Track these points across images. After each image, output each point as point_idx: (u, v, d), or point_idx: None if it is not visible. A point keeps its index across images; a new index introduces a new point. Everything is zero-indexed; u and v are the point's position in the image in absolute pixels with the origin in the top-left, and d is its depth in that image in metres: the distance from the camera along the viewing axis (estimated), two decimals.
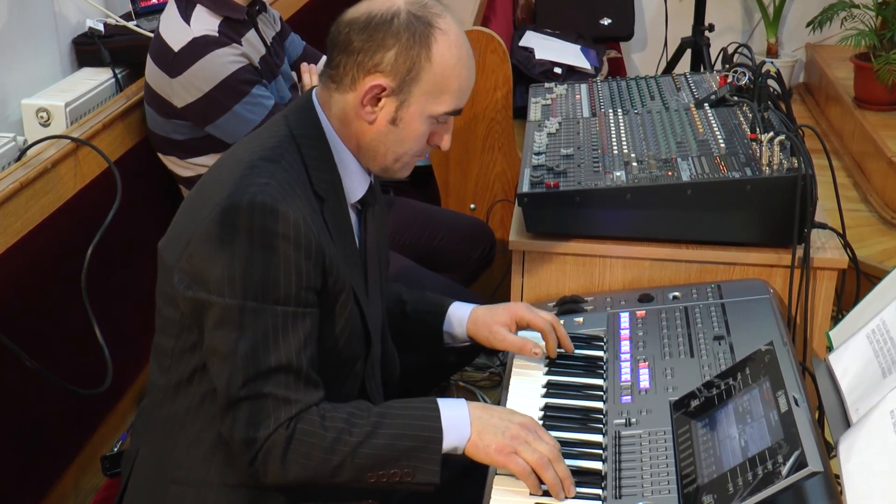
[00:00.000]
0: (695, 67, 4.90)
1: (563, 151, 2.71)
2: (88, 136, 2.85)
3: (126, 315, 2.88)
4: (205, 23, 2.94)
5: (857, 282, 2.54)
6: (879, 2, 5.08)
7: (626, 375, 2.17)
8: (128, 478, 2.12)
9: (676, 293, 2.43)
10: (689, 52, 4.92)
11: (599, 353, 2.28)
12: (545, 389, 2.17)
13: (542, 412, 2.09)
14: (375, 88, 1.96)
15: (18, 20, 3.16)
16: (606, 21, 5.46)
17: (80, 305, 2.58)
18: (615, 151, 2.67)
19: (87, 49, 3.45)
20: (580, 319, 2.41)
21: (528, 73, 4.48)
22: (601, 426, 2.03)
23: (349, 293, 1.99)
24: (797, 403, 1.78)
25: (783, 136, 2.43)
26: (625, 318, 2.36)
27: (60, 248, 2.68)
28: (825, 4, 5.41)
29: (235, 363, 1.85)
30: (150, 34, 3.16)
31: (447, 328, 2.33)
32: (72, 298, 2.61)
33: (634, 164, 2.55)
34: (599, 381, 2.18)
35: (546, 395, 2.15)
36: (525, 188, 2.53)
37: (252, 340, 1.85)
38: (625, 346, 2.27)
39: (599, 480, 1.89)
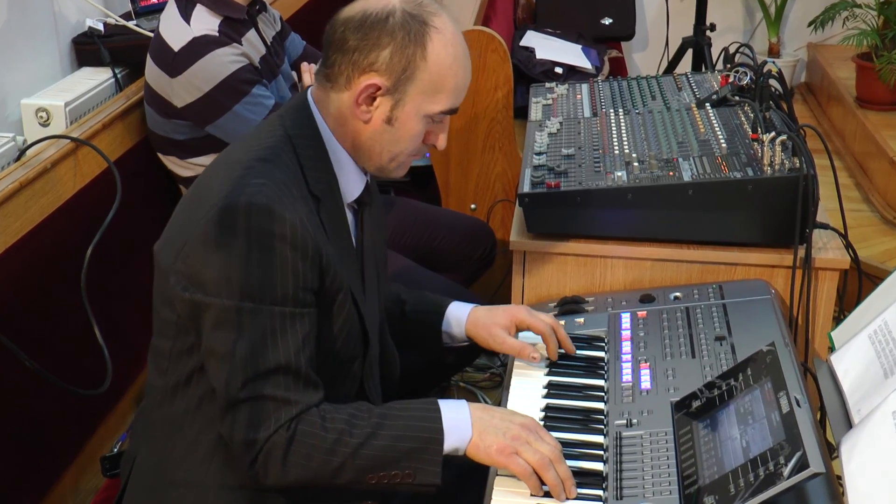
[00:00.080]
0: (696, 67, 4.90)
1: (564, 151, 2.71)
2: (88, 136, 2.84)
3: (126, 315, 2.88)
4: (205, 22, 2.94)
5: (859, 282, 2.54)
6: (881, 1, 5.07)
7: (628, 376, 2.16)
8: (126, 480, 2.12)
9: (678, 293, 2.42)
10: (691, 52, 4.92)
11: (600, 354, 2.27)
12: (546, 390, 2.17)
13: (543, 413, 2.09)
14: (370, 88, 1.95)
15: (18, 19, 3.16)
16: (607, 21, 5.46)
17: (80, 306, 2.58)
18: (616, 151, 2.66)
19: (87, 49, 3.44)
20: (581, 320, 2.40)
21: (529, 73, 4.48)
22: (602, 427, 2.03)
23: (346, 293, 1.99)
24: (799, 404, 1.78)
25: (785, 136, 2.43)
26: (626, 319, 2.36)
27: (60, 249, 2.68)
28: (827, 4, 5.41)
29: (234, 364, 1.85)
30: (150, 34, 3.15)
31: (446, 328, 2.33)
32: (71, 299, 2.60)
33: (636, 164, 2.54)
34: (600, 382, 2.18)
35: (547, 396, 2.15)
36: (526, 188, 2.53)
37: (250, 341, 1.85)
38: (626, 347, 2.26)
39: (600, 481, 1.88)
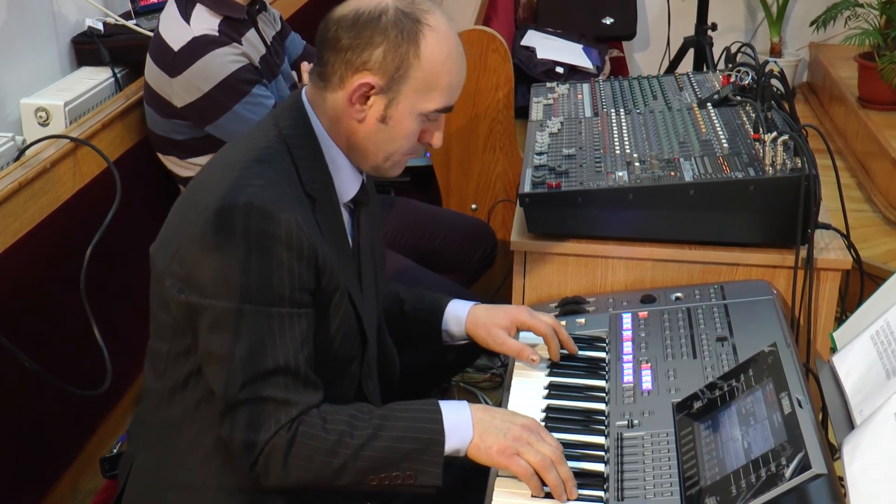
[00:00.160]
0: (697, 67, 4.89)
1: (565, 151, 2.70)
2: (87, 136, 2.84)
3: (125, 316, 2.87)
4: (205, 22, 2.93)
5: (861, 283, 2.54)
6: (883, 1, 5.06)
7: (629, 377, 2.16)
8: (125, 482, 2.12)
9: (679, 294, 2.42)
10: (692, 52, 4.91)
11: (601, 355, 2.27)
12: (547, 391, 2.17)
13: (544, 414, 2.09)
14: (364, 86, 1.95)
15: (17, 19, 3.15)
16: (609, 20, 5.46)
17: (80, 306, 2.57)
18: (617, 151, 2.66)
19: (87, 48, 3.44)
20: (582, 320, 2.40)
21: (530, 73, 4.47)
22: (603, 428, 2.02)
23: (343, 293, 1.98)
24: (801, 405, 1.78)
25: (786, 136, 2.42)
26: (627, 319, 2.35)
27: (59, 249, 2.67)
28: (829, 3, 5.40)
29: (233, 366, 1.84)
30: (150, 33, 3.15)
31: (445, 326, 2.33)
32: (71, 299, 2.60)
33: (637, 165, 2.54)
34: (601, 383, 2.17)
35: (548, 397, 2.15)
36: (527, 188, 2.53)
37: (248, 343, 1.84)
38: (627, 348, 2.26)
39: (601, 482, 1.88)
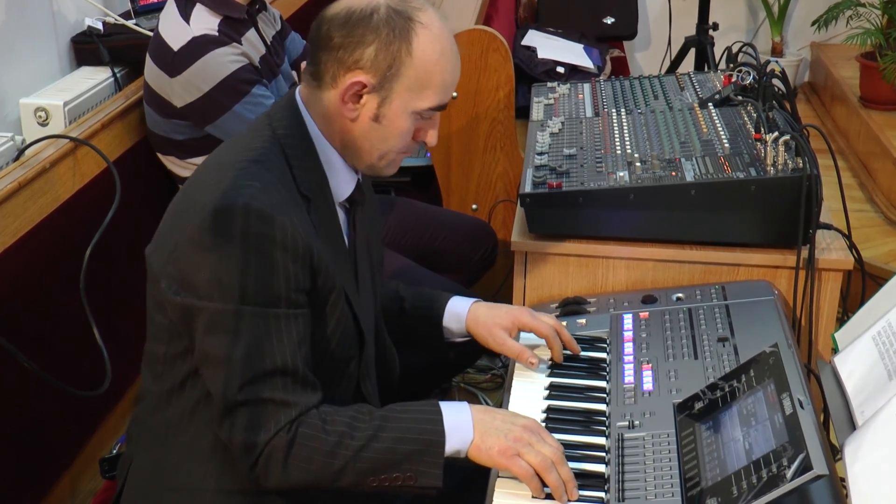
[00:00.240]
0: (699, 67, 4.89)
1: (566, 151, 2.70)
2: (87, 136, 2.83)
3: (125, 316, 2.87)
4: (204, 22, 2.93)
5: (863, 283, 2.54)
6: (885, 0, 5.05)
7: (630, 377, 2.16)
8: (123, 484, 2.11)
9: (680, 294, 2.42)
10: (693, 52, 4.91)
11: (602, 355, 2.27)
12: (547, 391, 2.16)
13: (545, 414, 2.09)
14: (356, 85, 1.94)
15: (17, 19, 3.15)
16: (610, 20, 5.45)
17: (79, 306, 2.57)
18: (618, 151, 2.66)
19: (86, 48, 3.44)
20: (583, 321, 2.40)
21: (531, 73, 4.46)
22: (604, 428, 2.02)
23: (339, 293, 1.98)
24: (802, 406, 1.78)
25: (788, 136, 2.42)
26: (628, 320, 2.35)
27: (59, 249, 2.67)
28: (830, 3, 5.38)
29: (230, 368, 1.84)
30: (150, 33, 3.15)
31: (445, 323, 2.32)
32: (70, 299, 2.59)
33: (638, 165, 2.54)
34: (602, 384, 2.17)
35: (549, 398, 2.14)
36: (527, 188, 2.52)
37: (246, 345, 1.84)
38: (628, 348, 2.26)
39: (602, 483, 1.88)
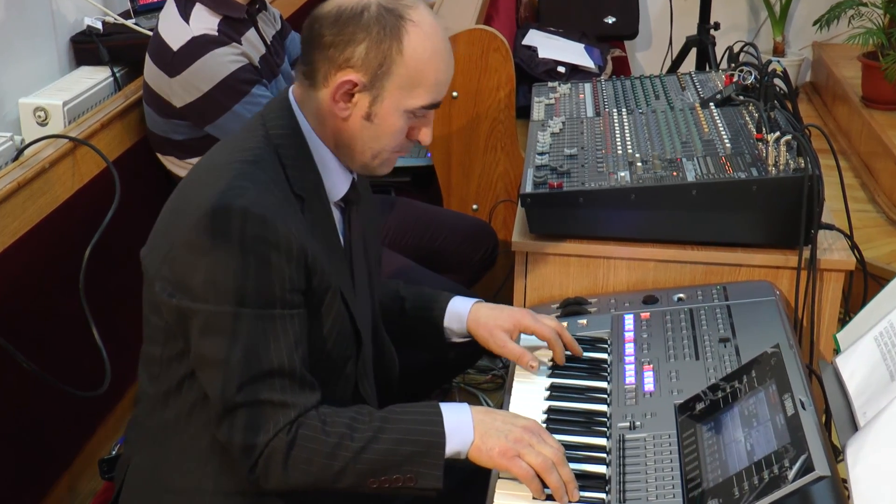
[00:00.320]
0: (700, 66, 4.89)
1: (567, 151, 2.69)
2: (86, 136, 2.83)
3: (124, 316, 2.86)
4: (204, 22, 2.92)
5: (865, 283, 2.53)
6: (887, 0, 5.04)
7: (631, 378, 2.15)
8: (121, 486, 2.11)
9: (681, 295, 2.41)
10: (695, 51, 4.91)
11: (603, 356, 2.26)
12: (548, 392, 2.16)
13: (546, 415, 2.08)
14: (347, 84, 1.93)
15: (16, 18, 3.15)
16: (611, 19, 5.45)
17: (78, 307, 2.57)
18: (619, 151, 2.65)
19: (86, 47, 3.44)
20: (584, 321, 2.39)
21: (532, 73, 4.46)
22: (605, 429, 2.02)
23: (335, 293, 1.97)
24: (804, 407, 1.77)
25: (789, 136, 2.41)
26: (629, 320, 2.35)
27: (58, 249, 2.67)
28: (832, 2, 5.37)
29: (228, 370, 1.83)
30: (149, 33, 3.15)
31: (446, 323, 2.32)
32: (70, 300, 2.59)
33: (639, 165, 2.53)
34: (603, 384, 2.17)
35: (549, 398, 2.14)
36: (528, 188, 2.52)
37: (242, 346, 1.83)
38: (629, 349, 2.25)
39: (603, 484, 1.87)
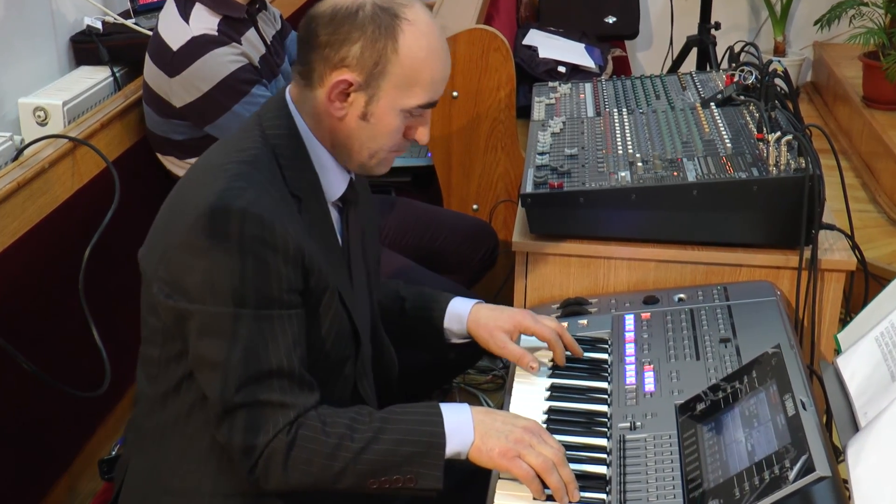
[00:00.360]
0: (701, 66, 4.88)
1: (568, 151, 2.69)
2: (86, 136, 2.83)
3: (124, 317, 2.86)
4: (204, 21, 2.92)
5: (866, 284, 2.53)
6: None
7: (631, 378, 2.15)
8: (119, 488, 2.11)
9: (682, 295, 2.41)
10: (695, 51, 4.90)
11: (604, 356, 2.26)
12: (549, 392, 2.15)
13: (546, 416, 2.08)
14: (342, 84, 1.93)
15: (15, 18, 3.15)
16: (611, 19, 5.44)
17: (78, 307, 2.57)
18: (620, 151, 2.65)
19: (85, 47, 3.44)
20: (584, 322, 2.39)
21: (532, 72, 4.45)
22: (605, 430, 2.01)
23: (333, 292, 1.97)
24: (804, 407, 1.77)
25: (790, 136, 2.41)
26: (629, 321, 2.34)
27: (58, 249, 2.66)
28: (833, 2, 5.36)
29: (227, 371, 1.83)
30: (149, 32, 3.15)
31: (446, 324, 2.31)
32: (69, 300, 2.59)
33: (639, 165, 2.53)
34: (604, 385, 2.16)
35: (550, 399, 2.13)
36: (528, 188, 2.51)
37: (240, 347, 1.83)
38: (629, 349, 2.25)
39: (604, 485, 1.87)
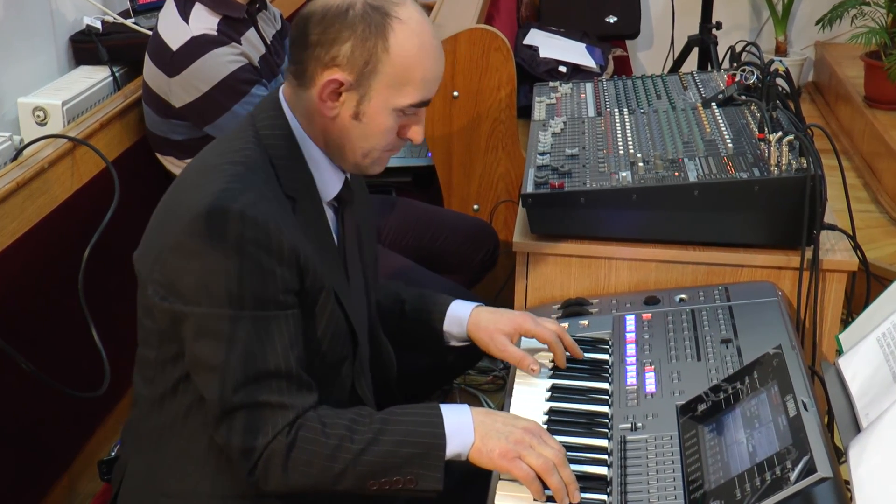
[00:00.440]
0: (702, 66, 4.88)
1: (568, 151, 2.69)
2: (85, 136, 2.83)
3: (124, 317, 2.84)
4: (204, 21, 2.92)
5: (868, 284, 2.52)
6: None
7: (632, 379, 2.14)
8: (117, 490, 2.11)
9: (683, 295, 2.40)
10: (697, 51, 4.90)
11: (605, 357, 2.25)
12: (549, 393, 2.15)
13: (547, 416, 2.07)
14: (333, 83, 1.92)
15: (15, 17, 3.15)
16: (612, 19, 5.44)
17: (78, 307, 2.57)
18: (621, 151, 2.64)
19: (85, 47, 3.44)
20: (585, 322, 2.38)
21: (533, 72, 4.45)
22: (606, 431, 2.01)
23: (329, 292, 1.96)
24: (806, 408, 1.77)
25: (792, 136, 2.41)
26: (630, 321, 2.34)
27: (57, 250, 2.66)
28: (835, 2, 5.36)
29: (225, 373, 1.82)
30: (149, 32, 3.15)
31: (446, 327, 2.31)
32: (69, 300, 2.59)
33: (640, 165, 2.52)
34: (605, 385, 2.16)
35: (550, 399, 2.13)
36: (529, 189, 2.51)
37: (238, 348, 1.83)
38: (630, 350, 2.24)
39: (605, 486, 1.87)
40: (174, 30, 2.91)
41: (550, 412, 2.08)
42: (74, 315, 2.58)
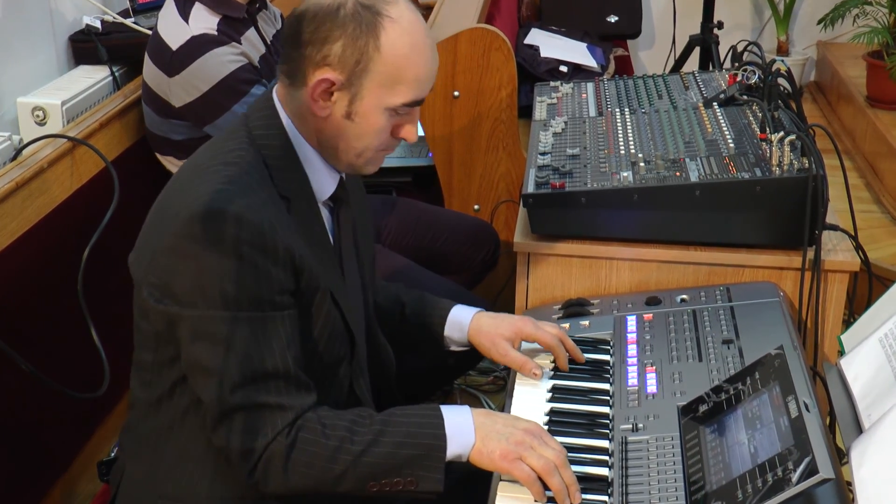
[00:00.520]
0: (703, 66, 4.87)
1: (569, 151, 2.68)
2: (85, 136, 2.82)
3: (123, 317, 2.83)
4: (203, 21, 2.91)
5: (870, 284, 2.52)
6: None
7: (633, 380, 2.14)
8: (115, 493, 2.11)
9: (684, 296, 2.40)
10: (698, 50, 4.89)
11: (606, 357, 2.25)
12: (550, 394, 2.15)
13: (548, 417, 2.07)
14: (324, 83, 1.91)
15: (14, 17, 3.15)
16: (613, 18, 5.43)
17: (77, 308, 2.56)
18: (622, 151, 2.64)
19: (84, 46, 3.44)
20: (586, 323, 2.38)
21: (534, 72, 4.45)
22: (607, 431, 2.01)
23: (325, 292, 1.96)
24: (808, 409, 1.76)
25: (794, 136, 2.40)
26: (632, 322, 2.33)
27: (57, 250, 2.66)
28: (837, 1, 5.36)
29: (222, 374, 1.82)
30: (149, 31, 3.15)
31: (447, 332, 2.30)
32: (68, 301, 2.58)
33: (642, 165, 2.52)
34: (606, 386, 2.16)
35: (551, 400, 2.13)
36: (530, 189, 2.50)
37: (235, 350, 1.82)
38: (632, 350, 2.24)
39: (606, 487, 1.86)
40: (174, 29, 2.91)
41: (551, 413, 2.08)
42: (74, 315, 2.58)
